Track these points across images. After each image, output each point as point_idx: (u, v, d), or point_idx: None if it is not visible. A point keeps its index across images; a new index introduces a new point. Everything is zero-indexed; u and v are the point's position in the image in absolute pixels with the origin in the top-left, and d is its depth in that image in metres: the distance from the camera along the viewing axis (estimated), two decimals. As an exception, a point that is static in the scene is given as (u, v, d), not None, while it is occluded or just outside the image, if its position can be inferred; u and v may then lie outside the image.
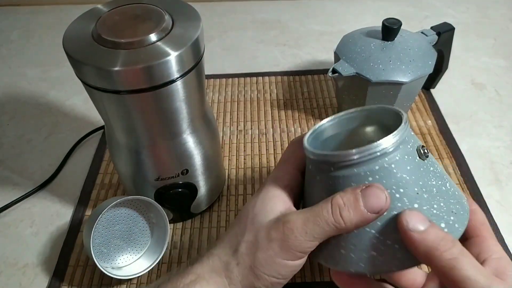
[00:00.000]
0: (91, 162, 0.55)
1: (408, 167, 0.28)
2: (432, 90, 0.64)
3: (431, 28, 0.55)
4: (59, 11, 0.89)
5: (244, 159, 0.54)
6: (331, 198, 0.28)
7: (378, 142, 0.27)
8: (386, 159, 0.27)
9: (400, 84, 0.48)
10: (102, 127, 0.59)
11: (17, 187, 0.52)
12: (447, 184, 0.29)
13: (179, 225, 0.47)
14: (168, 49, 0.32)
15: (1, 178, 0.54)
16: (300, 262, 0.29)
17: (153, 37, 0.32)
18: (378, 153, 0.27)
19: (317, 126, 0.35)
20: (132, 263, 0.43)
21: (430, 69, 0.50)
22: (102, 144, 0.57)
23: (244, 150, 0.56)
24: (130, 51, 0.32)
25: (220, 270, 0.30)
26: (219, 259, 0.30)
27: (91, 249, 0.38)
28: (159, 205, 0.41)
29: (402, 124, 0.28)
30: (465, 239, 0.30)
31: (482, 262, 0.27)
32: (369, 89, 0.50)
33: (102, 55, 0.31)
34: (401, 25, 0.50)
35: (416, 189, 0.27)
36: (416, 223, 0.25)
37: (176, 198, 0.43)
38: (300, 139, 0.34)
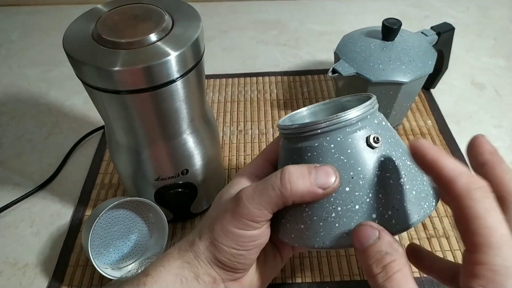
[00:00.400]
0: (91, 162, 0.55)
1: (349, 150, 0.28)
2: (432, 90, 0.64)
3: (431, 28, 0.55)
4: (59, 11, 0.89)
5: (244, 159, 0.54)
6: (282, 168, 0.28)
7: (320, 119, 0.28)
8: (327, 138, 0.28)
9: (400, 84, 0.48)
10: (102, 127, 0.59)
11: (17, 187, 0.52)
12: (401, 180, 0.28)
13: (179, 225, 0.47)
14: (168, 49, 0.32)
15: (1, 178, 0.54)
16: (256, 232, 0.29)
17: (153, 37, 0.32)
18: (319, 131, 0.28)
19: (295, 112, 0.36)
20: (131, 264, 0.43)
21: (430, 69, 0.50)
22: (102, 144, 0.57)
23: (244, 150, 0.56)
24: (130, 51, 0.32)
25: (186, 247, 0.31)
26: (186, 239, 0.31)
27: (89, 250, 0.38)
28: (157, 206, 0.41)
29: (358, 107, 0.29)
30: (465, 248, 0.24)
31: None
32: (369, 89, 0.50)
33: (102, 55, 0.31)
34: (401, 25, 0.50)
35: (351, 173, 0.27)
36: (364, 241, 0.25)
37: (176, 198, 0.43)
38: (279, 136, 0.34)
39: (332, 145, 0.28)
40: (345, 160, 0.28)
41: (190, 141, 0.40)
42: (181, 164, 0.41)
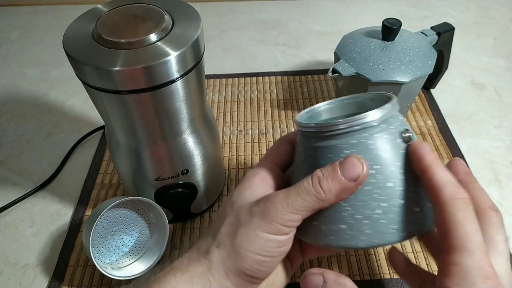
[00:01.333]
0: (91, 162, 0.55)
1: (387, 146, 0.28)
2: (432, 90, 0.64)
3: (431, 28, 0.55)
4: (59, 11, 0.89)
5: (244, 159, 0.54)
6: (311, 174, 0.28)
7: (357, 116, 0.28)
8: (365, 134, 0.28)
9: (400, 84, 0.48)
10: (102, 127, 0.59)
11: (17, 187, 0.52)
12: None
13: (179, 225, 0.47)
14: (168, 49, 0.32)
15: (1, 178, 0.54)
16: (284, 238, 0.28)
17: (153, 37, 0.32)
18: (358, 127, 0.28)
19: (314, 107, 0.35)
20: (132, 263, 0.43)
21: (430, 69, 0.50)
22: (102, 144, 0.57)
23: (244, 150, 0.56)
24: (130, 51, 0.32)
25: (199, 257, 0.29)
26: (198, 249, 0.29)
27: (90, 250, 0.38)
28: (158, 206, 0.41)
29: (387, 104, 0.29)
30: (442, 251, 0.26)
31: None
32: (369, 89, 0.50)
33: (102, 55, 0.31)
34: (401, 25, 0.50)
35: (392, 168, 0.28)
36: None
37: (176, 198, 0.43)
38: (283, 136, 0.34)
39: (370, 142, 0.28)
40: (385, 156, 0.28)
41: (190, 141, 0.40)
42: (181, 164, 0.41)
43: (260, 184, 0.31)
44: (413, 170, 0.28)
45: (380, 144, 0.28)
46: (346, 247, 0.29)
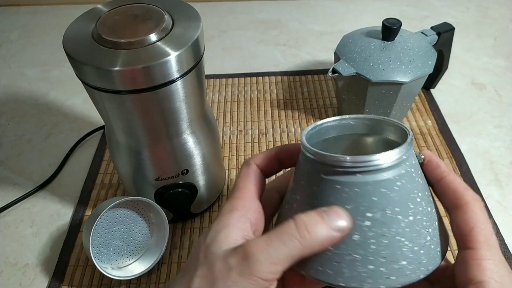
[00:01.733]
0: (91, 162, 0.55)
1: (396, 188, 0.26)
2: (432, 90, 0.64)
3: (431, 28, 0.55)
4: (59, 11, 0.89)
5: (244, 159, 0.54)
6: (293, 219, 0.26)
7: (375, 155, 0.26)
8: (383, 174, 0.26)
9: (400, 84, 0.48)
10: (102, 127, 0.59)
11: (17, 187, 0.52)
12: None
13: (179, 225, 0.47)
14: (168, 49, 0.32)
15: (1, 178, 0.54)
16: None
17: (153, 37, 0.32)
18: (371, 168, 0.26)
19: (320, 122, 0.32)
20: (132, 263, 0.43)
21: (430, 69, 0.50)
22: (102, 144, 0.57)
23: (244, 150, 0.56)
24: (130, 51, 0.32)
25: None
26: None
27: (90, 250, 0.38)
28: (158, 206, 0.41)
29: (406, 142, 0.27)
30: (459, 249, 0.28)
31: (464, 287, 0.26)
32: (369, 89, 0.50)
33: (102, 55, 0.31)
34: (401, 25, 0.50)
35: (403, 210, 0.26)
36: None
37: (176, 198, 0.43)
38: (250, 161, 0.31)
39: (396, 183, 0.26)
40: (396, 198, 0.26)
41: (190, 141, 0.40)
42: (181, 164, 0.41)
43: (238, 222, 0.28)
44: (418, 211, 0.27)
45: (391, 186, 0.26)
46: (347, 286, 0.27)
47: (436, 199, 0.29)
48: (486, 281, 0.25)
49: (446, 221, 0.28)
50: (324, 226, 0.25)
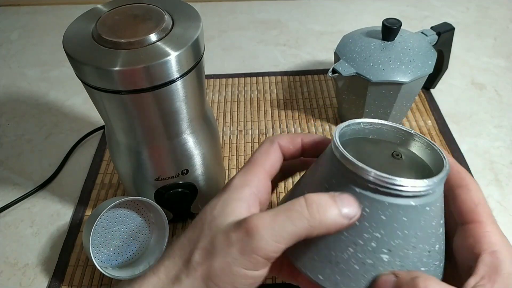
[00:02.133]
0: (91, 162, 0.55)
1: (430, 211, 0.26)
2: (432, 90, 0.64)
3: (431, 28, 0.55)
4: (59, 11, 0.89)
5: (244, 159, 0.54)
6: (304, 196, 0.25)
7: (417, 181, 0.25)
8: (417, 200, 0.25)
9: (400, 84, 0.48)
10: (102, 127, 0.59)
11: (17, 187, 0.52)
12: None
13: (179, 225, 0.47)
14: (168, 49, 0.32)
15: (1, 178, 0.54)
16: (261, 273, 0.25)
17: (153, 37, 0.32)
18: (418, 194, 0.25)
19: (352, 122, 0.30)
20: (132, 263, 0.43)
21: (430, 69, 0.50)
22: (102, 144, 0.57)
23: (244, 150, 0.56)
24: (130, 51, 0.31)
25: (168, 283, 0.25)
26: (165, 274, 0.25)
27: (90, 250, 0.38)
28: (158, 206, 0.41)
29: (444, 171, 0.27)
30: (461, 224, 0.28)
31: (476, 259, 0.26)
32: (369, 89, 0.50)
33: (102, 55, 0.31)
34: (401, 25, 0.50)
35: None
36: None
37: (176, 198, 0.43)
38: (274, 139, 0.30)
39: (427, 209, 0.26)
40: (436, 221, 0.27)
41: (190, 141, 0.40)
42: (181, 164, 0.41)
43: (248, 199, 0.27)
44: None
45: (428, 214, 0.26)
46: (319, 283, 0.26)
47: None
48: (498, 251, 0.26)
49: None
50: (335, 209, 0.24)
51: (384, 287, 0.25)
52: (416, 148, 0.31)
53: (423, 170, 0.30)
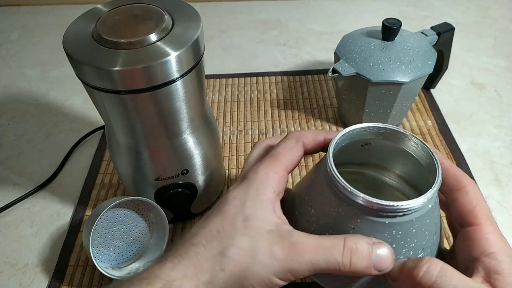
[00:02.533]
0: (91, 162, 0.55)
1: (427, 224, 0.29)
2: (432, 90, 0.64)
3: (431, 28, 0.55)
4: (59, 11, 0.89)
5: (244, 159, 0.54)
6: (344, 239, 0.27)
7: (413, 202, 0.27)
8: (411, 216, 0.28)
9: (400, 84, 0.48)
10: (102, 127, 0.59)
11: (17, 187, 0.52)
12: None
13: (179, 225, 0.47)
14: (168, 49, 0.32)
15: (1, 178, 0.54)
16: (286, 283, 0.28)
17: (153, 37, 0.32)
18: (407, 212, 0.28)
19: (351, 128, 0.32)
20: (132, 263, 0.43)
21: (430, 69, 0.50)
22: (102, 144, 0.57)
23: (244, 150, 0.56)
24: (130, 51, 0.32)
25: (198, 273, 0.26)
26: (198, 261, 0.27)
27: (90, 250, 0.38)
28: (158, 206, 0.41)
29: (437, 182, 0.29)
30: (461, 227, 0.30)
31: (475, 261, 0.27)
32: (369, 89, 0.50)
33: (102, 55, 0.31)
34: (401, 25, 0.50)
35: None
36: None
37: (176, 198, 0.43)
38: (300, 138, 0.32)
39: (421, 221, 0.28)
40: (426, 232, 0.29)
41: (190, 141, 0.40)
42: (181, 164, 0.41)
43: (276, 200, 0.29)
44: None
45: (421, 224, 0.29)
46: None
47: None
48: (496, 252, 0.27)
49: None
50: (367, 262, 0.26)
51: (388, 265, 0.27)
52: (411, 149, 0.33)
53: (404, 156, 0.33)
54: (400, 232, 0.28)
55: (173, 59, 0.32)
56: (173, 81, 0.33)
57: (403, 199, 0.29)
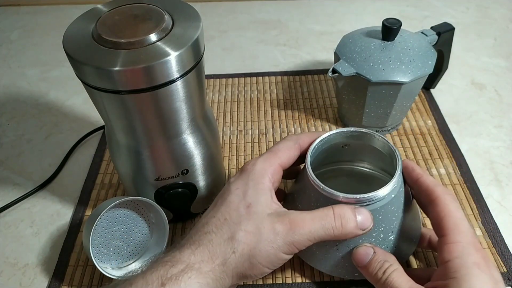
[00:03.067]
0: (91, 162, 0.55)
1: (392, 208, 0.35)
2: (432, 90, 0.64)
3: (431, 28, 0.55)
4: (59, 11, 0.89)
5: (244, 159, 0.54)
6: (332, 208, 0.32)
7: (377, 192, 0.33)
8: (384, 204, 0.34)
9: (400, 84, 0.48)
10: (102, 127, 0.59)
11: (17, 187, 0.52)
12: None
13: (179, 225, 0.47)
14: (168, 49, 0.32)
15: (1, 178, 0.54)
16: (291, 256, 0.32)
17: (153, 37, 0.32)
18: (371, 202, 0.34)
19: (322, 137, 0.38)
20: (132, 263, 0.43)
21: (430, 69, 0.50)
22: (102, 144, 0.57)
23: (244, 150, 0.56)
24: (130, 51, 0.32)
25: (213, 257, 0.30)
26: (212, 247, 0.30)
27: (90, 250, 0.38)
28: (158, 206, 0.41)
29: (397, 174, 0.35)
30: (438, 238, 0.33)
31: (445, 270, 0.30)
32: (369, 89, 0.50)
33: (102, 55, 0.31)
34: (401, 25, 0.50)
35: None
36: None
37: (176, 198, 0.43)
38: (298, 140, 0.37)
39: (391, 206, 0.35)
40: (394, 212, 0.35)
41: (190, 141, 0.40)
42: (181, 164, 0.41)
43: (272, 189, 0.34)
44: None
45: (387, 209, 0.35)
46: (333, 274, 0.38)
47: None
48: (451, 260, 0.30)
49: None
50: (354, 224, 0.32)
51: (363, 257, 0.33)
52: (379, 146, 0.39)
53: (377, 153, 0.39)
54: (379, 217, 0.34)
55: (173, 59, 0.32)
56: (173, 81, 0.33)
57: (382, 185, 0.35)
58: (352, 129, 0.39)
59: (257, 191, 0.32)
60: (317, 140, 0.38)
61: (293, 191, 0.40)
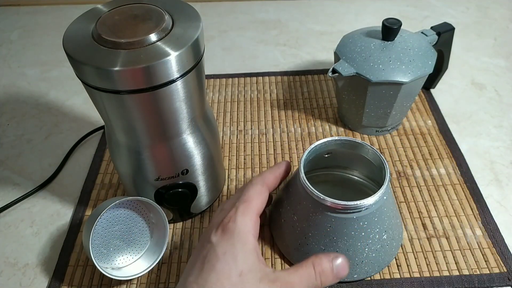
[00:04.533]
0: (91, 162, 0.55)
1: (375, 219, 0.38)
2: (432, 90, 0.64)
3: (431, 28, 0.55)
4: (59, 11, 0.89)
5: (244, 159, 0.54)
6: (313, 265, 0.33)
7: (365, 200, 0.35)
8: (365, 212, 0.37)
9: (400, 84, 0.48)
10: (102, 127, 0.59)
11: (17, 187, 0.52)
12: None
13: (179, 225, 0.47)
14: (168, 49, 0.32)
15: (1, 178, 0.54)
16: None
17: (153, 37, 0.32)
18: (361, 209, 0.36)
19: (316, 144, 0.41)
20: (132, 263, 0.43)
21: (430, 69, 0.50)
22: (102, 144, 0.57)
23: (244, 150, 0.56)
24: (130, 51, 0.32)
25: None
26: None
27: (90, 250, 0.38)
28: (158, 206, 0.41)
29: (386, 181, 0.37)
30: None
31: None
32: (369, 89, 0.50)
33: (102, 55, 0.31)
34: (401, 25, 0.50)
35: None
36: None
37: (176, 198, 0.43)
38: (264, 180, 0.38)
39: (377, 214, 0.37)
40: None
41: (190, 141, 0.40)
42: (181, 164, 0.41)
43: (257, 245, 0.34)
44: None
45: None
46: None
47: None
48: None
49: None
50: (332, 277, 0.33)
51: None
52: (365, 153, 0.42)
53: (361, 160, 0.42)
54: (366, 223, 0.37)
55: (173, 59, 0.32)
56: (173, 81, 0.33)
57: (367, 193, 0.37)
58: (337, 138, 0.42)
59: (246, 254, 0.32)
60: (306, 152, 0.40)
61: (283, 196, 0.42)
